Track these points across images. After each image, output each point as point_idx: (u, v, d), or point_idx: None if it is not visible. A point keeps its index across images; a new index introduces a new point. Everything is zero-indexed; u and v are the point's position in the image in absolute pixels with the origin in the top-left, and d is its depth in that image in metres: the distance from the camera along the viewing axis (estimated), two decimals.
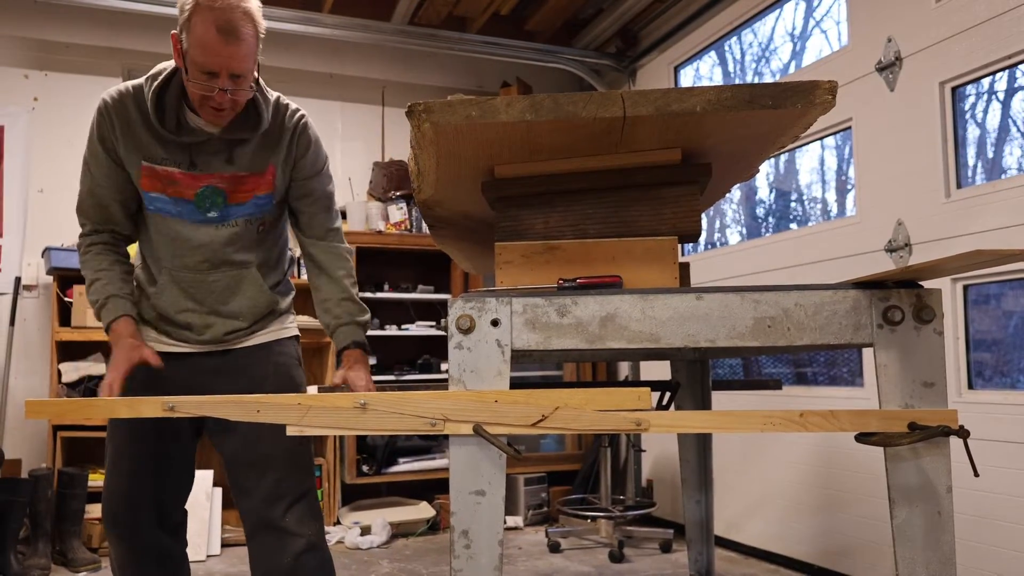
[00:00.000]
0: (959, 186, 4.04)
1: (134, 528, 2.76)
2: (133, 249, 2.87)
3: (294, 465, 2.76)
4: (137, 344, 2.65)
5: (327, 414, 1.97)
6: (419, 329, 6.63)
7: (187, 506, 2.98)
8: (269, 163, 2.75)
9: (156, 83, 2.58)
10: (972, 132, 4.09)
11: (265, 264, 2.89)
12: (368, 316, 2.95)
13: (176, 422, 2.73)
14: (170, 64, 2.62)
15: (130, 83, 2.69)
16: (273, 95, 2.75)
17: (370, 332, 6.43)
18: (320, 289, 2.92)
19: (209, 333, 2.82)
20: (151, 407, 2.06)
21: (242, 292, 2.82)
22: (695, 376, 3.86)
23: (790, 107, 1.96)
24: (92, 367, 5.70)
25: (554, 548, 5.58)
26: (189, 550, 2.97)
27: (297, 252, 4.60)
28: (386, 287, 6.63)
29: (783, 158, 5.53)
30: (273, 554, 2.68)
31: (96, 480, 5.39)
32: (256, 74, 2.59)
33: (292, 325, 3.02)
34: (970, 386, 3.95)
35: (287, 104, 2.80)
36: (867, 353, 4.50)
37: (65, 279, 5.76)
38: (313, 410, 1.97)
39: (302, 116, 2.82)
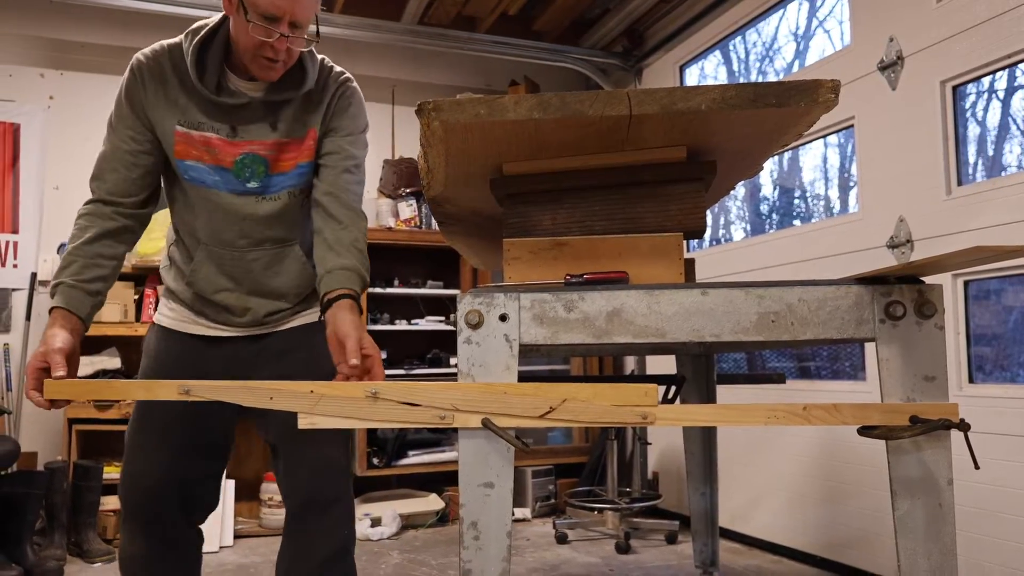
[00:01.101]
0: (960, 183, 4.04)
1: (158, 519, 2.54)
2: (155, 242, 2.69)
3: (333, 465, 2.55)
4: (47, 349, 2.29)
5: (339, 404, 1.97)
6: (429, 324, 6.63)
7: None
8: (309, 128, 2.52)
9: (198, 38, 2.38)
10: (972, 130, 4.08)
11: (307, 240, 2.63)
12: (368, 278, 2.49)
13: (210, 406, 2.37)
14: (212, 19, 2.42)
15: (166, 41, 2.47)
16: (319, 57, 2.55)
17: (380, 327, 6.45)
18: (324, 232, 2.48)
19: (249, 315, 2.60)
20: (167, 390, 2.04)
21: (284, 271, 2.59)
22: (700, 370, 3.87)
23: (794, 106, 1.96)
24: (107, 361, 5.71)
25: (561, 539, 5.58)
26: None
27: None
28: (396, 283, 6.64)
29: (787, 156, 5.52)
30: (300, 556, 2.53)
31: (112, 472, 5.40)
32: (316, 31, 2.43)
33: None
34: (971, 380, 3.95)
35: (332, 66, 2.60)
36: (869, 348, 4.49)
37: None
38: (325, 399, 1.97)
39: (347, 78, 2.61)
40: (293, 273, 2.61)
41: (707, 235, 4.63)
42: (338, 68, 2.61)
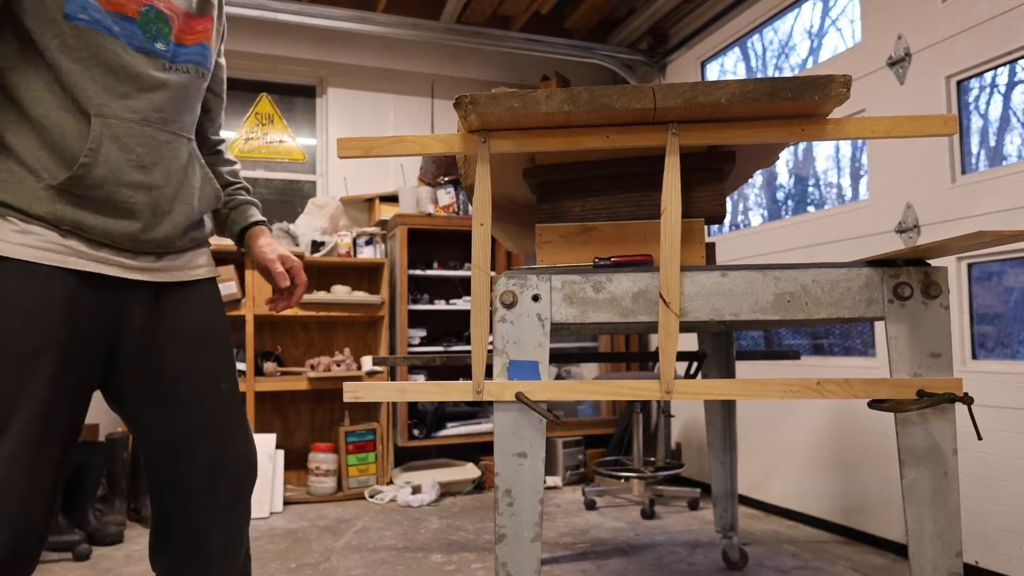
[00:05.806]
0: (963, 172, 4.00)
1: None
2: None
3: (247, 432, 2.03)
4: None
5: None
6: (466, 304, 6.64)
7: None
8: (207, 12, 1.92)
9: None
10: (976, 122, 4.04)
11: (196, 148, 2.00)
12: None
13: (84, 382, 1.75)
14: None
15: None
16: None
17: (420, 307, 6.47)
18: (219, 166, 2.18)
19: (167, 224, 1.83)
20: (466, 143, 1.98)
21: (192, 169, 1.92)
22: (720, 347, 3.86)
23: (808, 99, 1.95)
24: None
25: (590, 506, 5.59)
26: (253, 507, 2.37)
27: None
28: (435, 265, 6.65)
29: (801, 146, 5.49)
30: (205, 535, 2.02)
31: None
32: None
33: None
34: (974, 356, 3.92)
35: None
36: (879, 326, 4.48)
37: None
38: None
39: None
40: (199, 176, 1.95)
41: (727, 220, 4.60)
42: None
